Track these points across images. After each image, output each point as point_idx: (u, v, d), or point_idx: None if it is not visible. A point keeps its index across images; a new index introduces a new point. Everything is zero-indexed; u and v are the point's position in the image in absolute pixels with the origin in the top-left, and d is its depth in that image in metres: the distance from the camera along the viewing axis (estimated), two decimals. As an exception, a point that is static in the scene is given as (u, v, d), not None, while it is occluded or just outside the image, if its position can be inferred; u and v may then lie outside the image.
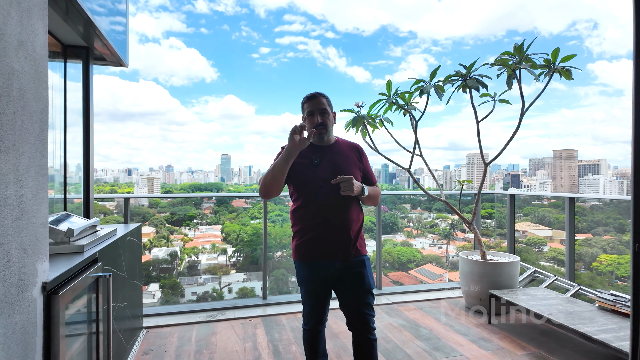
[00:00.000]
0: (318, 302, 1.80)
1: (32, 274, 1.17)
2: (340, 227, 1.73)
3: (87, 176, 2.79)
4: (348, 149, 1.83)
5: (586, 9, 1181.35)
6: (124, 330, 2.31)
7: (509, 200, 3.97)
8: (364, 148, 1.92)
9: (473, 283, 3.23)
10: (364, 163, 1.86)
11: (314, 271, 1.76)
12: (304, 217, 1.77)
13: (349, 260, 1.74)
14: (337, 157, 1.78)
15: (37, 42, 1.22)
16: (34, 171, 1.19)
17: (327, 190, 1.69)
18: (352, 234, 1.74)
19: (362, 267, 1.76)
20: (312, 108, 1.76)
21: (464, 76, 2.97)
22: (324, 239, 1.73)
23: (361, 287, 1.74)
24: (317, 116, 1.75)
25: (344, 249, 1.73)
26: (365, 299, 1.74)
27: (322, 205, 1.72)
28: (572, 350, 2.54)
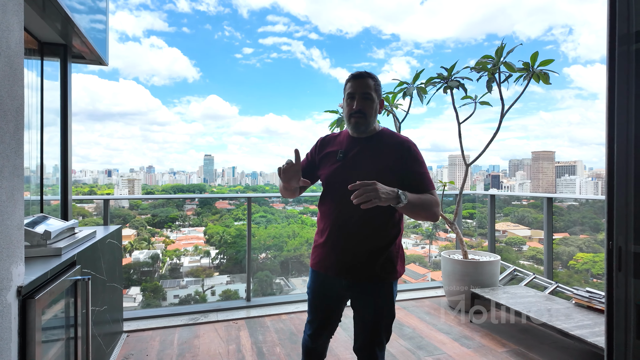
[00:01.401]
0: (319, 318, 1.59)
1: (7, 277, 1.13)
2: (355, 238, 1.43)
3: (64, 177, 2.72)
4: (391, 144, 1.46)
5: (562, 14, 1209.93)
6: (104, 335, 2.25)
7: (490, 200, 4.06)
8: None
9: (455, 282, 3.28)
10: (409, 164, 1.43)
11: (318, 282, 1.55)
12: (322, 216, 1.54)
13: (358, 283, 1.45)
14: (368, 153, 1.46)
15: (12, 38, 1.18)
16: (9, 171, 1.15)
17: (346, 190, 1.27)
18: (371, 250, 1.42)
19: (375, 296, 1.44)
20: (354, 90, 1.46)
21: (445, 78, 3.02)
22: (335, 248, 1.47)
23: (369, 319, 1.47)
24: (357, 100, 1.45)
25: (354, 265, 1.43)
26: (375, 332, 1.47)
27: (339, 208, 1.46)
28: (550, 347, 2.60)
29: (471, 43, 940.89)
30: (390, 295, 1.46)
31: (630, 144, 1.25)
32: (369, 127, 1.48)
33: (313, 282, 1.58)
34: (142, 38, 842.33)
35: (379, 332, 1.47)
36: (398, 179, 1.42)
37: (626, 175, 1.23)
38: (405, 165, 1.44)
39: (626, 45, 1.32)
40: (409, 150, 1.46)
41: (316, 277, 1.56)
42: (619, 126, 1.27)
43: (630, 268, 1.25)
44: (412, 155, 1.45)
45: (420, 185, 1.42)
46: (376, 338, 1.48)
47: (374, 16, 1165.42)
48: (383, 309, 1.46)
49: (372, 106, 1.46)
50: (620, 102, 1.28)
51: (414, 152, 1.47)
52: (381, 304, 1.46)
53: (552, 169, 52.47)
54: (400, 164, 1.44)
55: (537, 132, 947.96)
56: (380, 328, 1.47)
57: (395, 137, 1.51)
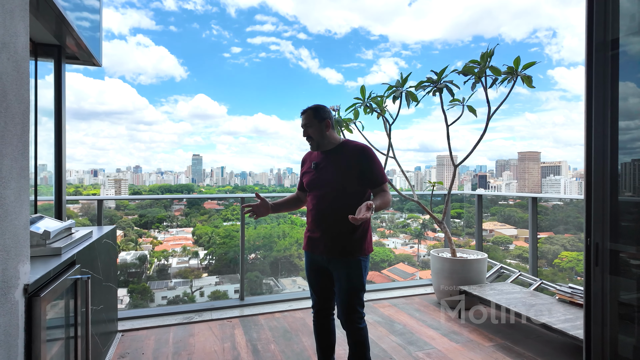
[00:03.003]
0: (313, 288, 2.04)
1: (15, 276, 1.17)
2: (328, 228, 1.89)
3: (59, 177, 2.72)
4: (350, 151, 1.91)
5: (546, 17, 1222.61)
6: (100, 334, 2.27)
7: (477, 200, 4.17)
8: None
9: (444, 279, 3.38)
10: (366, 165, 1.87)
11: (308, 260, 2.02)
12: (307, 212, 2.02)
13: (335, 258, 1.88)
14: (334, 161, 1.92)
15: (19, 43, 1.22)
16: (16, 173, 1.18)
17: (324, 193, 1.90)
18: (341, 233, 1.86)
19: (347, 268, 1.86)
20: (301, 124, 1.99)
21: (434, 82, 3.12)
22: (315, 235, 1.94)
23: (343, 287, 1.87)
24: (304, 131, 1.98)
25: (329, 247, 1.88)
26: (348, 300, 1.86)
27: (317, 206, 1.93)
28: (534, 340, 2.71)
29: (458, 45, 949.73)
30: (359, 269, 1.88)
31: (607, 146, 1.34)
32: (320, 145, 1.96)
33: (306, 261, 2.05)
34: (128, 36, 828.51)
35: (356, 295, 1.87)
36: (357, 175, 1.87)
37: (602, 175, 1.32)
38: (362, 165, 1.88)
39: (602, 52, 1.41)
40: (364, 153, 1.90)
41: (307, 256, 2.03)
42: (597, 129, 1.37)
43: (606, 264, 1.34)
44: (367, 157, 1.89)
45: (375, 180, 1.89)
46: (353, 300, 1.87)
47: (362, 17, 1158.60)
48: (353, 279, 1.87)
49: (315, 131, 1.94)
50: (598, 106, 1.37)
51: (368, 154, 1.90)
52: (352, 275, 1.87)
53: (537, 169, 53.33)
54: (358, 164, 1.88)
55: (523, 132, 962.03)
56: (355, 292, 1.87)
57: (353, 145, 1.95)
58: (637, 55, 1.41)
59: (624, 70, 1.40)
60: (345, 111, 3.48)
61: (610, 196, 1.32)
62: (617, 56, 1.39)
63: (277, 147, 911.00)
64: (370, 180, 1.89)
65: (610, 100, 1.38)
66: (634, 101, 1.39)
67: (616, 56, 1.39)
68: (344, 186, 1.87)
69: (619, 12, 1.40)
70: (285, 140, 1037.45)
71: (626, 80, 1.40)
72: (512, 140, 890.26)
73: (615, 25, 1.41)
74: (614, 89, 1.39)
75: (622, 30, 1.40)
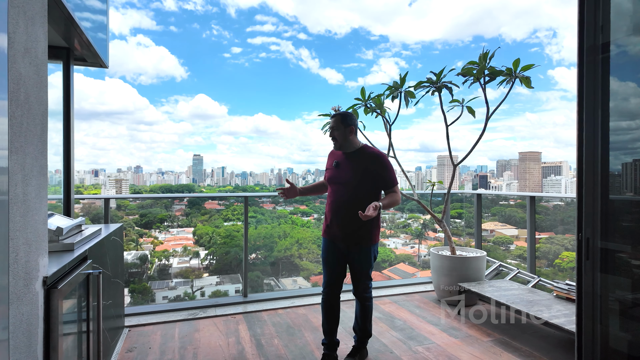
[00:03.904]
0: (328, 269, 2.38)
1: (35, 268, 1.23)
2: (343, 219, 2.25)
3: (67, 176, 2.79)
4: (367, 156, 2.26)
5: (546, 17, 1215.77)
6: (109, 329, 2.34)
7: (477, 199, 4.23)
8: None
9: (443, 277, 3.44)
10: (379, 170, 2.23)
11: (326, 245, 2.38)
12: (328, 205, 2.37)
13: (352, 246, 2.27)
14: (353, 163, 2.27)
15: (39, 48, 1.28)
16: (37, 171, 1.25)
17: (342, 189, 2.27)
18: (356, 225, 2.22)
19: (361, 254, 2.28)
20: (330, 125, 2.34)
21: (434, 83, 3.18)
22: (333, 225, 2.30)
23: (357, 268, 2.31)
24: (331, 132, 2.33)
25: (343, 237, 2.27)
26: (360, 277, 2.32)
27: (335, 200, 2.29)
28: (532, 335, 2.77)
29: (458, 45, 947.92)
30: (369, 254, 2.29)
31: (597, 147, 1.40)
32: (343, 146, 2.31)
33: (324, 246, 2.40)
34: (128, 36, 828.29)
35: (367, 274, 2.33)
36: (371, 179, 2.23)
37: (593, 174, 1.39)
38: (376, 170, 2.23)
39: (593, 56, 1.48)
40: (379, 160, 2.24)
41: (326, 242, 2.39)
42: (587, 130, 1.43)
43: (597, 260, 1.40)
44: (382, 164, 2.24)
45: (387, 184, 2.26)
46: (365, 277, 2.33)
47: (362, 17, 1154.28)
48: (364, 262, 2.29)
49: (340, 134, 2.28)
50: (588, 108, 1.43)
51: (382, 161, 2.25)
52: (364, 259, 2.29)
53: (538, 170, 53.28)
54: (372, 169, 2.23)
55: (523, 133, 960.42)
56: (366, 272, 2.32)
57: (370, 151, 2.29)
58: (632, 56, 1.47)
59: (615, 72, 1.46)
60: (346, 111, 3.54)
61: (600, 196, 1.38)
62: (608, 59, 1.45)
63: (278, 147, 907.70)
64: (383, 184, 2.25)
65: (601, 102, 1.44)
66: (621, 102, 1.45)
67: (607, 59, 1.45)
68: (359, 186, 2.22)
69: (609, 16, 1.47)
70: (285, 140, 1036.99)
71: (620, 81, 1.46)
72: (513, 140, 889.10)
73: (606, 29, 1.47)
74: (605, 91, 1.45)
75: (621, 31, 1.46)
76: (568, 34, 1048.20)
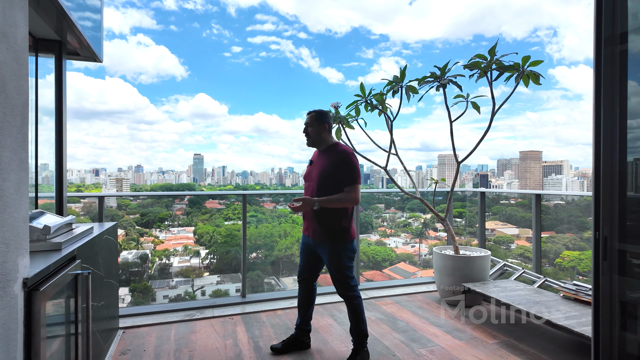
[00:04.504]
0: (302, 264, 2.50)
1: (14, 269, 1.15)
2: (310, 215, 2.32)
3: (59, 173, 2.71)
4: (336, 154, 2.27)
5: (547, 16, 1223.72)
6: (101, 331, 2.26)
7: (480, 197, 4.14)
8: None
9: (447, 277, 3.35)
10: (342, 167, 2.24)
11: (303, 239, 2.47)
12: None
13: (319, 242, 2.31)
14: (322, 161, 2.32)
15: (19, 33, 1.20)
16: (16, 165, 1.17)
17: (311, 186, 2.34)
18: (317, 223, 2.28)
19: (328, 250, 2.28)
20: (304, 122, 2.40)
21: (438, 78, 3.09)
22: (304, 222, 2.41)
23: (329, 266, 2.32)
24: (304, 128, 2.39)
25: (311, 231, 2.34)
26: (332, 272, 2.31)
27: (304, 195, 2.37)
28: (538, 337, 2.69)
29: (459, 44, 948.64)
30: (338, 251, 2.27)
31: (615, 142, 1.32)
32: (315, 143, 2.37)
33: (302, 240, 2.49)
34: (128, 35, 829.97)
35: (340, 272, 2.29)
36: (336, 176, 2.23)
37: (611, 172, 1.30)
38: (339, 168, 2.24)
39: (611, 47, 1.38)
40: (342, 158, 2.24)
41: (303, 237, 2.48)
42: (605, 125, 1.34)
43: (614, 262, 1.32)
44: (344, 161, 2.24)
45: (343, 182, 2.23)
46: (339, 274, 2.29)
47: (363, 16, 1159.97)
48: (334, 260, 2.28)
49: (314, 131, 2.34)
50: (607, 102, 1.34)
51: (345, 159, 2.24)
52: (334, 257, 2.27)
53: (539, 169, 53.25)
54: (336, 166, 2.24)
55: (524, 132, 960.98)
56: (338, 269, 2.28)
57: (340, 149, 2.30)
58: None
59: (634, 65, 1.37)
60: (346, 108, 3.45)
61: (619, 195, 1.30)
62: (627, 50, 1.36)
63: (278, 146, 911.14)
64: (339, 181, 2.23)
65: (620, 96, 1.35)
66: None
67: (625, 52, 1.35)
68: (324, 183, 2.25)
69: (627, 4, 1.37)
70: (286, 139, 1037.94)
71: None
72: (514, 139, 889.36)
73: (625, 18, 1.38)
74: (624, 84, 1.36)
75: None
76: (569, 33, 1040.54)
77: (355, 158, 2.28)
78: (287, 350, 2.49)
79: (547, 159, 53.45)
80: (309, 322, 2.57)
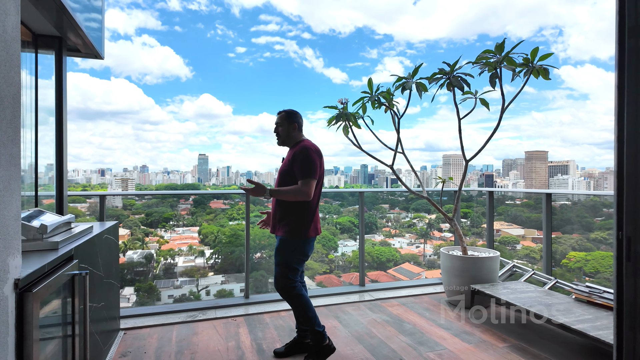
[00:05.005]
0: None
1: (3, 269, 1.09)
2: (273, 210, 2.39)
3: (59, 171, 2.66)
4: (296, 150, 2.29)
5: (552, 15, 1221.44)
6: (101, 332, 2.21)
7: (489, 197, 4.06)
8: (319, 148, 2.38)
9: (454, 278, 3.27)
10: (297, 161, 2.24)
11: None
12: None
13: (275, 235, 2.36)
14: (289, 156, 2.34)
15: (8, 22, 1.14)
16: (5, 160, 1.11)
17: (277, 180, 2.39)
18: (276, 218, 2.34)
19: (277, 244, 2.32)
20: (275, 122, 2.45)
21: (447, 74, 3.01)
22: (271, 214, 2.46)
23: (275, 260, 2.33)
24: (275, 127, 2.44)
25: (273, 225, 2.38)
26: (277, 269, 2.30)
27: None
28: (550, 341, 2.60)
29: (463, 43, 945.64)
30: (284, 245, 2.28)
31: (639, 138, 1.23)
32: (285, 142, 2.41)
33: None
34: (133, 36, 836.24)
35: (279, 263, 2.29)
36: (291, 171, 2.26)
37: (635, 169, 1.22)
38: (295, 163, 2.25)
39: (635, 38, 1.30)
40: (299, 152, 2.25)
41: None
42: (629, 120, 1.26)
43: (639, 263, 1.23)
44: (299, 156, 2.24)
45: (297, 176, 2.24)
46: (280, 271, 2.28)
47: (367, 16, 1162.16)
48: (278, 252, 2.30)
49: (284, 130, 2.38)
50: (630, 96, 1.26)
51: (300, 154, 2.24)
52: (279, 249, 2.30)
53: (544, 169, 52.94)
54: (293, 162, 2.26)
55: (529, 132, 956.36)
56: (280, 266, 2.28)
57: (299, 145, 2.30)
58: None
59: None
60: (352, 105, 3.38)
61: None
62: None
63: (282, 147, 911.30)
64: (294, 175, 2.26)
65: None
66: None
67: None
68: (283, 178, 2.31)
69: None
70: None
71: None
72: (519, 139, 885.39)
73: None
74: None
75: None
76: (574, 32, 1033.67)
77: (313, 153, 2.25)
78: (290, 353, 2.42)
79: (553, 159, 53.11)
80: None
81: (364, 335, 2.71)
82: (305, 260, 2.35)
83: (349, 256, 4.78)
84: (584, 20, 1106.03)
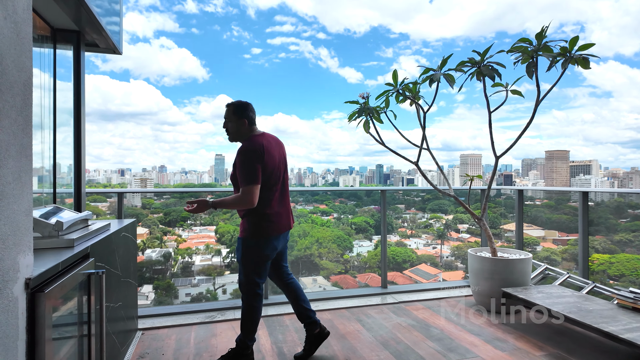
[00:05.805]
0: None
1: (13, 268, 1.01)
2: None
3: (78, 169, 2.62)
4: (236, 154, 2.10)
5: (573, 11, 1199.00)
6: (118, 332, 2.14)
7: (518, 195, 3.87)
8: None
9: (483, 280, 3.10)
10: (236, 169, 2.08)
11: None
12: None
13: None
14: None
15: (19, 2, 1.06)
16: (16, 150, 1.03)
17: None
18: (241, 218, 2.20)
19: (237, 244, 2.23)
20: (224, 116, 2.22)
21: (477, 63, 2.84)
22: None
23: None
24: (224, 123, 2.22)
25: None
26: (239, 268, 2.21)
27: None
28: (591, 350, 2.42)
29: (480, 41, 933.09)
30: (239, 245, 2.17)
31: None
32: (236, 139, 2.18)
33: None
34: (152, 39, 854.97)
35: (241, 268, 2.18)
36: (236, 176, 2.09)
37: None
38: (235, 167, 2.09)
39: None
40: (236, 157, 2.07)
41: None
42: None
43: None
44: (237, 161, 2.06)
45: (240, 182, 2.05)
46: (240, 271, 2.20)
47: (382, 15, 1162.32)
48: (237, 254, 2.19)
49: (233, 126, 2.15)
50: None
51: (238, 158, 2.05)
52: (237, 250, 2.21)
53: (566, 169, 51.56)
54: (234, 166, 2.11)
55: (549, 130, 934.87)
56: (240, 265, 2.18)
57: (239, 147, 2.09)
58: None
59: None
60: (375, 99, 3.25)
61: None
62: None
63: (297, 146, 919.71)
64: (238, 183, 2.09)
65: None
66: None
67: None
68: (234, 183, 2.18)
69: None
70: (305, 139, 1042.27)
71: None
72: (539, 138, 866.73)
73: None
74: None
75: None
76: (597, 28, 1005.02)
77: (251, 156, 2.02)
78: (309, 353, 2.34)
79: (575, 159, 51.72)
80: (309, 315, 2.35)
81: (389, 341, 2.58)
82: (265, 260, 2.16)
83: (364, 257, 4.68)
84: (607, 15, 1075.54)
